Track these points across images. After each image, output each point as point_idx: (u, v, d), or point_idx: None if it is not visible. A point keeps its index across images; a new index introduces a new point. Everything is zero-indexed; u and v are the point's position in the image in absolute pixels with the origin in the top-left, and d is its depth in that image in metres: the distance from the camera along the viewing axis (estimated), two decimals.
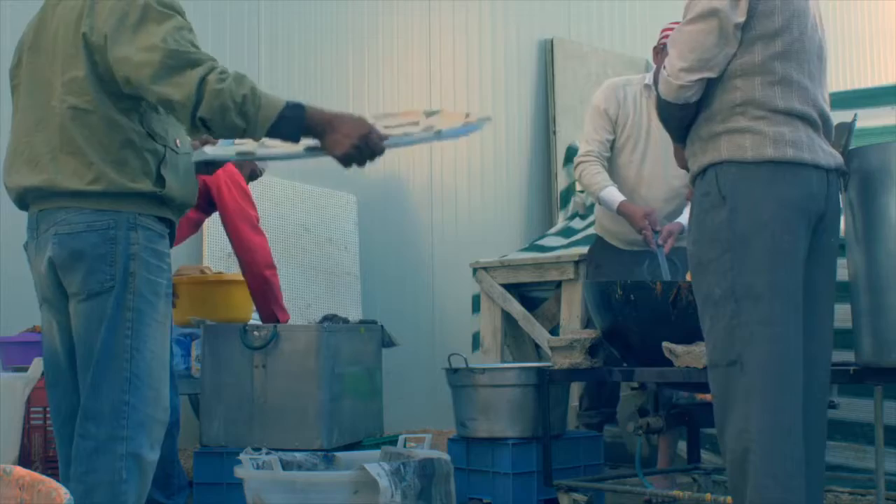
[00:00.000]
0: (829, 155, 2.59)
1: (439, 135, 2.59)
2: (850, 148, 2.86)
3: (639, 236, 4.10)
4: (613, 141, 4.28)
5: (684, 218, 3.98)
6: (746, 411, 2.47)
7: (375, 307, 5.72)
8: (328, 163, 2.47)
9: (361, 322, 4.49)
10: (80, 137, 2.33)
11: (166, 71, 2.25)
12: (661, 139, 4.10)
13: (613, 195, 4.16)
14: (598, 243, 4.50)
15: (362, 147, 2.32)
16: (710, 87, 2.59)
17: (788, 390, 2.47)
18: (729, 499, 3.21)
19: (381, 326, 4.44)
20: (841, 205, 2.72)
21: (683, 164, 2.81)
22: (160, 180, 2.41)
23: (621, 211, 4.12)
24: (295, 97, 2.12)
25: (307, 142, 2.40)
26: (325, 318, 4.37)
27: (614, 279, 3.57)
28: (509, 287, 5.38)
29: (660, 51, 4.14)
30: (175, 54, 2.26)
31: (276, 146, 2.49)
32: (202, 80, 2.23)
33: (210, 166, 2.79)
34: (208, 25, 5.43)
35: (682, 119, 2.66)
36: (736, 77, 2.55)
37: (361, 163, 2.35)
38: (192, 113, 2.24)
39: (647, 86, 4.24)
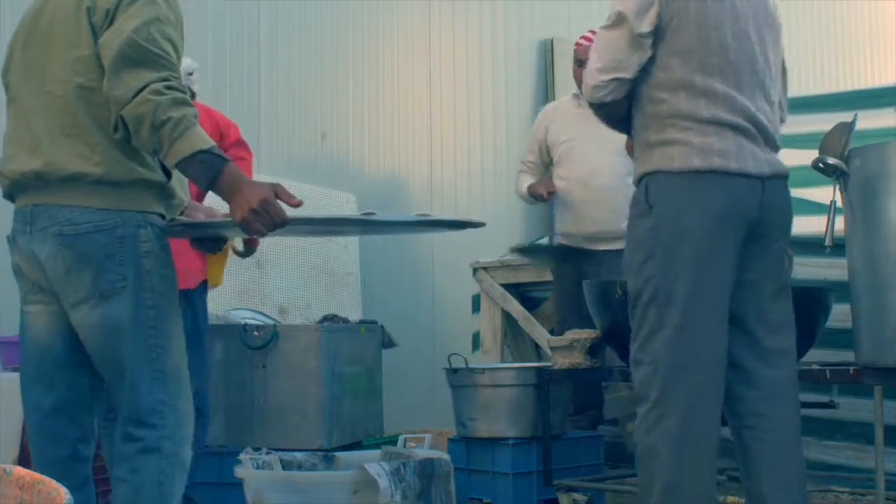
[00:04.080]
0: (762, 163, 2.63)
1: (371, 216, 2.47)
2: (851, 148, 2.86)
3: (601, 225, 4.47)
4: (541, 161, 4.75)
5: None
6: (661, 412, 2.56)
7: (375, 307, 5.72)
8: (327, 162, 2.47)
9: (361, 322, 4.50)
10: (86, 117, 2.27)
11: (122, 61, 2.19)
12: (601, 135, 4.30)
13: (523, 186, 4.68)
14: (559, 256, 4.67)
15: (261, 212, 2.21)
16: (639, 96, 2.69)
17: (704, 395, 2.55)
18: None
19: (381, 326, 4.45)
20: (787, 207, 2.72)
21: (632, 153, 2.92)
22: (165, 171, 2.35)
23: (529, 190, 4.63)
24: (295, 97, 2.10)
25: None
26: (325, 318, 4.38)
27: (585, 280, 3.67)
28: (509, 287, 5.38)
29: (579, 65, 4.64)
30: (139, 48, 2.20)
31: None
32: (146, 85, 2.17)
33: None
34: (208, 25, 5.43)
35: (607, 118, 2.80)
36: (661, 90, 2.63)
37: (262, 231, 2.26)
38: (118, 109, 2.19)
39: (574, 95, 4.69)
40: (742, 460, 2.69)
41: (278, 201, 2.25)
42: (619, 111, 2.74)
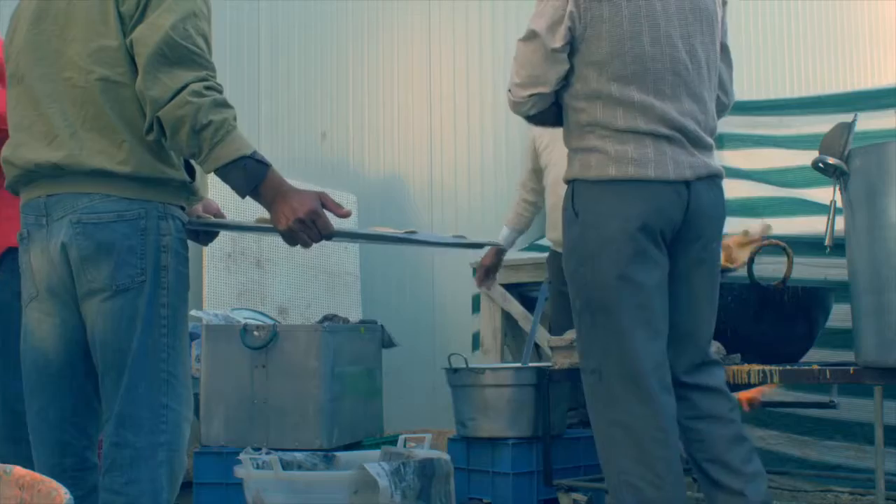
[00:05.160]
0: (684, 167, 2.61)
1: (412, 234, 2.50)
2: (851, 148, 2.86)
3: None
4: (541, 166, 4.63)
5: None
6: (608, 418, 2.60)
7: (375, 307, 5.72)
8: (327, 162, 2.46)
9: (361, 322, 4.49)
10: (111, 112, 2.14)
11: (159, 59, 2.07)
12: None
13: (502, 235, 4.69)
14: (551, 255, 4.70)
15: (308, 224, 2.13)
16: (563, 103, 2.70)
17: (646, 397, 2.56)
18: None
19: (381, 326, 4.44)
20: (716, 208, 2.71)
21: None
22: (190, 170, 2.26)
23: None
24: (295, 97, 2.05)
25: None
26: (325, 318, 4.38)
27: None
28: (509, 287, 5.39)
29: None
30: (176, 47, 2.08)
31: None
32: (185, 86, 2.06)
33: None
34: None
35: (539, 125, 2.86)
36: (580, 99, 2.65)
37: (306, 242, 2.17)
38: (154, 111, 2.08)
39: None
40: (685, 446, 2.73)
41: (325, 212, 2.15)
42: (547, 119, 2.78)
